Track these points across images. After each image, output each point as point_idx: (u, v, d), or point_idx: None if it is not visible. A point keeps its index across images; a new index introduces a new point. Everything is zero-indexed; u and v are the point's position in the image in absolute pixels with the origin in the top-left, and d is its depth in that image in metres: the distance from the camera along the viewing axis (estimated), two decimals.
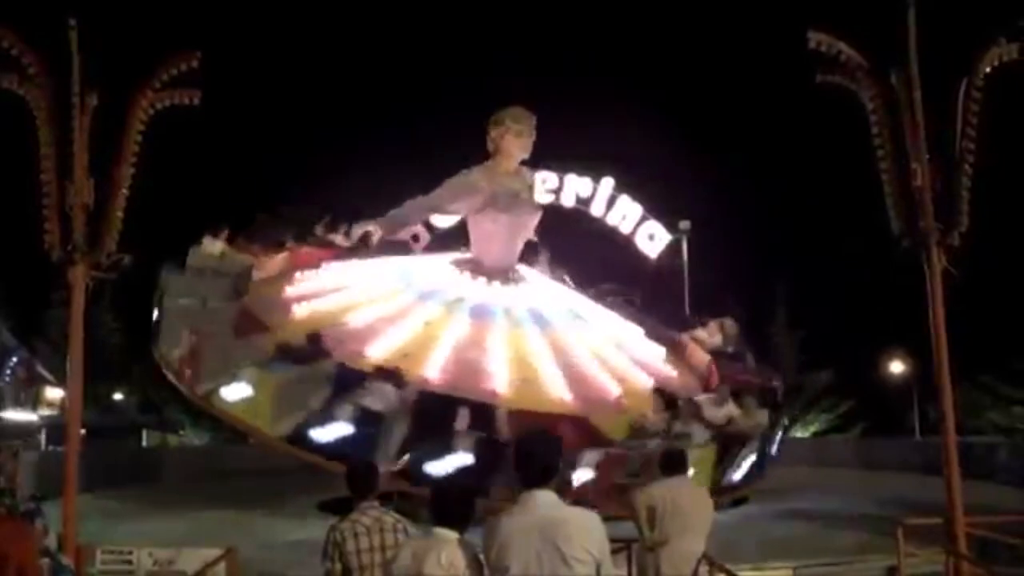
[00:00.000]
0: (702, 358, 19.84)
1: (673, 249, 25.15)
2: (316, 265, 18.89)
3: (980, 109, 10.10)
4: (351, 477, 6.51)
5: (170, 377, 16.19)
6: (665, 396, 17.09)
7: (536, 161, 20.45)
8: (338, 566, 6.11)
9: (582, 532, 4.50)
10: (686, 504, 7.77)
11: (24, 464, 21.76)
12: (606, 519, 4.64)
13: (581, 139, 29.15)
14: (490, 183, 19.72)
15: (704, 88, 57.51)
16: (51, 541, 7.07)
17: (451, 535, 4.86)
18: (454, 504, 4.99)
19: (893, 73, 10.35)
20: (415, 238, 21.63)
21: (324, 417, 14.73)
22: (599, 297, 21.95)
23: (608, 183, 20.98)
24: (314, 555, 6.39)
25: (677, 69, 55.70)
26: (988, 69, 10.20)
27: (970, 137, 10.15)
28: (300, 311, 17.06)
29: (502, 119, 19.72)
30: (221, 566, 9.47)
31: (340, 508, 6.56)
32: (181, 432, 44.60)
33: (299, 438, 14.84)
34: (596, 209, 20.82)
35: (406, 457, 14.61)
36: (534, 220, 20.60)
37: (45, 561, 5.88)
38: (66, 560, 6.08)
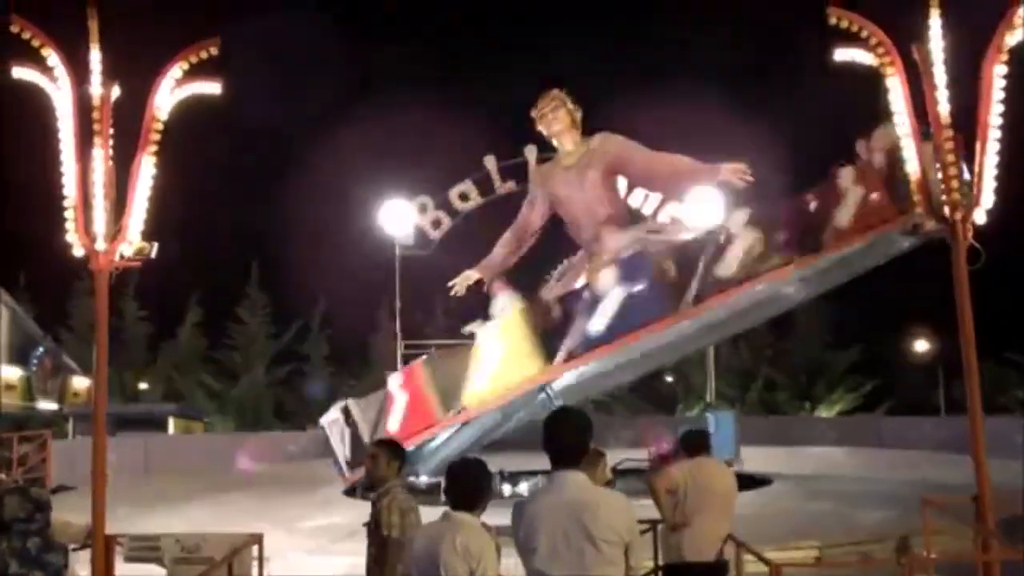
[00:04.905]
0: None
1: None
2: None
3: (1006, 83, 9.96)
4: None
5: None
6: None
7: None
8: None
9: (611, 513, 4.48)
10: (708, 485, 7.70)
11: (52, 454, 22.06)
12: None
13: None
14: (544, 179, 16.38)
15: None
16: (55, 533, 7.04)
17: (467, 518, 4.84)
18: (469, 487, 4.97)
19: (915, 47, 10.23)
20: None
21: None
22: None
23: None
24: (338, 541, 6.36)
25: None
26: (1013, 42, 10.05)
27: (995, 112, 10.02)
28: None
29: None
30: (248, 552, 9.50)
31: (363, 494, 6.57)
32: (206, 420, 44.91)
33: None
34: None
35: None
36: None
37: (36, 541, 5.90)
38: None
